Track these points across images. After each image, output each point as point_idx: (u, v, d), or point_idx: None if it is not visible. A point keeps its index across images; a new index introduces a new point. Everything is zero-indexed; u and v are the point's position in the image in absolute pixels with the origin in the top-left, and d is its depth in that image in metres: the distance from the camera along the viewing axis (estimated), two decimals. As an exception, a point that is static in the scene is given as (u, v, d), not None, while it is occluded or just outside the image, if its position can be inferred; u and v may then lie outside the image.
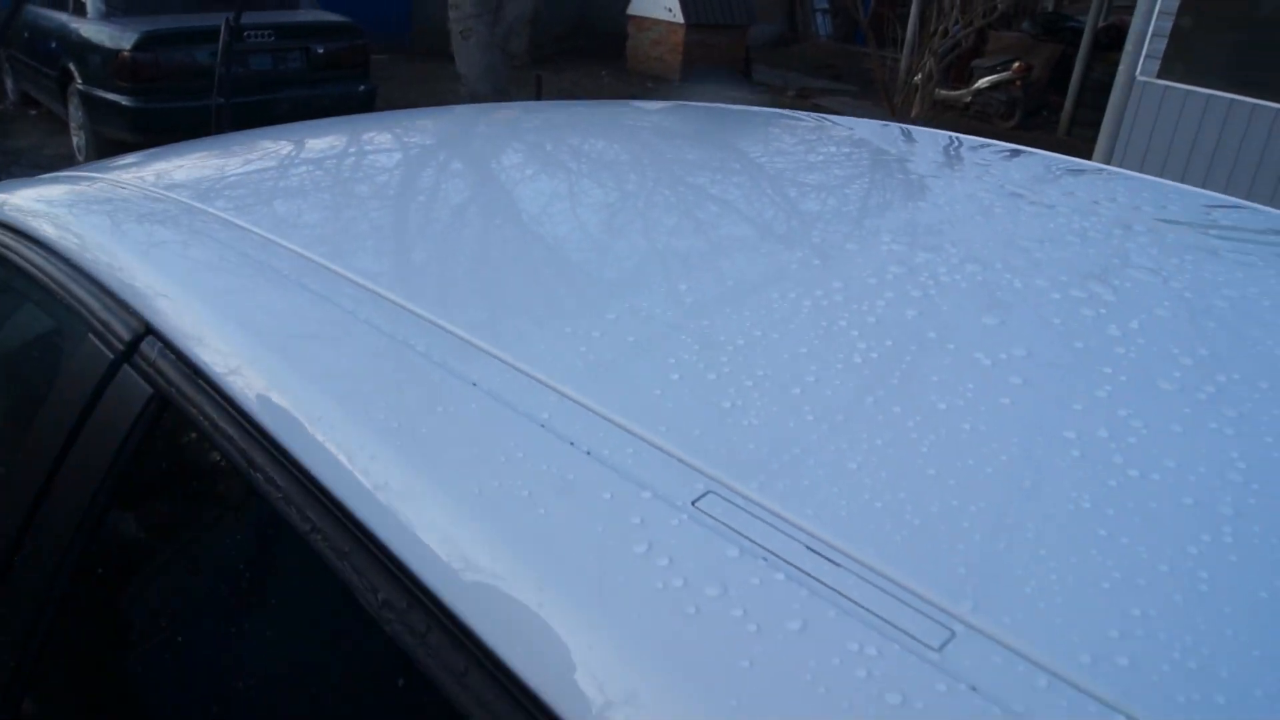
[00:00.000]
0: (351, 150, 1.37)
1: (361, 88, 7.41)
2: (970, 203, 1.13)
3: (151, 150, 1.45)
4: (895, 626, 0.50)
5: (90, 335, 0.92)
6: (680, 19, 11.94)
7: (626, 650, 0.51)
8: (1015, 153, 1.48)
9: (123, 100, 6.41)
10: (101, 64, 6.50)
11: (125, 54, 6.30)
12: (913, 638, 0.49)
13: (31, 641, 0.90)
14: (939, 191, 1.20)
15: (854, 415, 0.66)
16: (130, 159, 1.39)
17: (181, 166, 1.29)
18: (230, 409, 0.74)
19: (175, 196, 1.10)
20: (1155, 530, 0.57)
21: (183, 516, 0.88)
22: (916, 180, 1.27)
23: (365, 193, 1.16)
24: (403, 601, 0.59)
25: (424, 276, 0.91)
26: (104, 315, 0.91)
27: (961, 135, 1.60)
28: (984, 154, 1.45)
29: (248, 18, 5.39)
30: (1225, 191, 1.47)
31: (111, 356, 0.88)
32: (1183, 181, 1.38)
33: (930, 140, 1.51)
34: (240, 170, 1.28)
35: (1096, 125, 7.24)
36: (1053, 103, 11.20)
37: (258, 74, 6.77)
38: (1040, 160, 1.43)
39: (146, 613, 0.91)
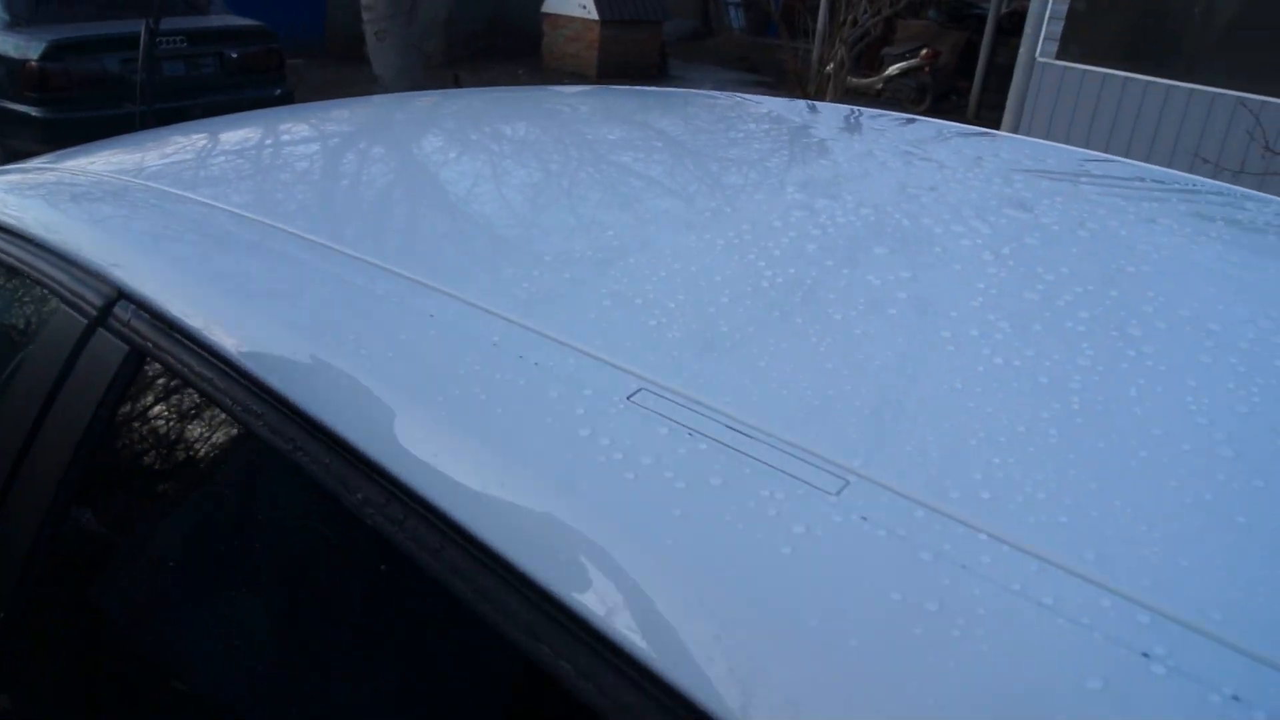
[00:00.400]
0: (287, 130, 1.44)
1: (278, 91, 7.36)
2: (867, 159, 1.25)
3: (87, 144, 1.50)
4: (799, 479, 0.60)
5: (62, 306, 0.99)
6: (595, 16, 12.04)
7: (578, 512, 0.60)
8: (910, 120, 1.60)
9: (32, 111, 6.29)
10: (7, 75, 6.36)
11: (33, 64, 6.18)
12: (814, 486, 0.60)
13: (14, 607, 0.96)
14: (839, 151, 1.31)
15: (763, 325, 0.77)
16: (66, 153, 1.44)
17: (122, 154, 1.35)
18: (208, 354, 0.82)
19: (125, 179, 1.17)
20: (1014, 402, 0.68)
21: (168, 454, 0.95)
22: (819, 142, 1.38)
23: (307, 165, 1.24)
24: (381, 497, 0.68)
25: (374, 234, 0.99)
26: (74, 286, 0.98)
27: (861, 108, 1.72)
28: (881, 121, 1.57)
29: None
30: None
31: (85, 322, 0.95)
32: (1083, 156, 1.51)
33: (832, 111, 1.63)
34: (182, 154, 1.35)
35: (1002, 107, 7.52)
36: (960, 87, 11.53)
37: (171, 80, 6.69)
38: (932, 126, 1.55)
39: (140, 555, 0.98)
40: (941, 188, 1.12)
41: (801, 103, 1.72)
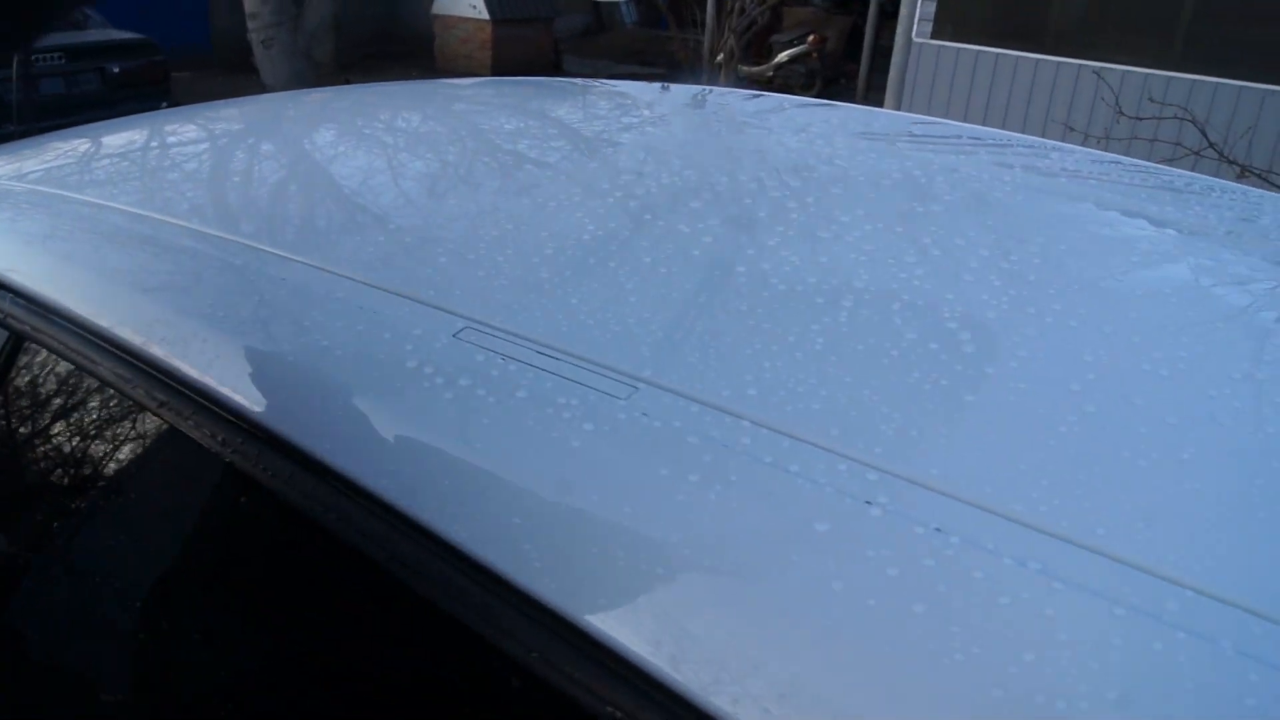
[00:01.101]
0: (167, 129, 1.49)
1: (164, 105, 7.27)
2: (701, 130, 1.36)
3: None
4: (594, 389, 0.71)
5: None
6: (485, 15, 12.06)
7: (407, 425, 0.70)
8: (755, 96, 1.72)
9: (-97, 136, 6.12)
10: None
11: (-100, 87, 6.03)
12: (607, 394, 0.70)
13: None
14: (676, 124, 1.42)
15: (580, 270, 0.87)
16: None
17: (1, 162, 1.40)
18: (78, 328, 0.89)
19: (6, 184, 1.22)
20: (791, 320, 0.79)
21: (52, 421, 1.02)
22: (660, 117, 1.49)
23: (189, 163, 1.31)
24: (238, 438, 0.76)
25: (230, 214, 1.07)
26: None
27: (714, 87, 1.83)
28: (726, 98, 1.69)
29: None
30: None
31: None
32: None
33: (681, 91, 1.74)
34: (63, 159, 1.40)
35: (886, 87, 7.78)
36: (849, 71, 11.85)
37: (51, 98, 6.57)
38: (773, 99, 1.67)
39: (32, 527, 1.04)
40: (766, 149, 1.24)
41: (655, 85, 1.83)
